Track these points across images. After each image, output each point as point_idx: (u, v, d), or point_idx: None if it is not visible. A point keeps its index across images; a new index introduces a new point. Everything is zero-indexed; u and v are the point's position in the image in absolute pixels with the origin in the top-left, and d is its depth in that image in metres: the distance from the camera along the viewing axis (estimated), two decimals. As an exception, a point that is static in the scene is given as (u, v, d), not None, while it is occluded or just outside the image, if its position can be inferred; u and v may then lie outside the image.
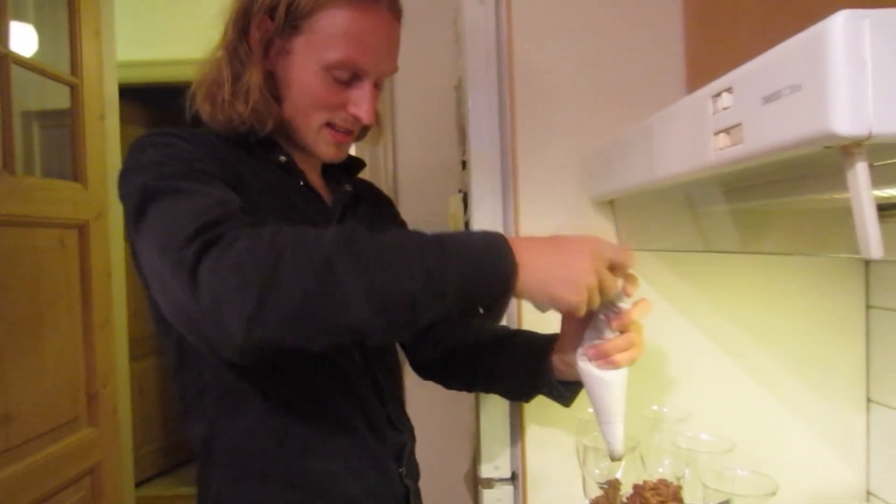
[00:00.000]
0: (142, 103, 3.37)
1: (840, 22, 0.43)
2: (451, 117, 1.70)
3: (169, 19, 2.95)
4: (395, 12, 0.85)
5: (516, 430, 1.11)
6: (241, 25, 0.83)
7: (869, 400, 1.08)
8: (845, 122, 0.43)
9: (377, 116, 0.89)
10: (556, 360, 0.87)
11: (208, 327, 0.61)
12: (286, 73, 0.83)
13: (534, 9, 1.08)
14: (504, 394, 1.03)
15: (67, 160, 1.99)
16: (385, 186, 1.99)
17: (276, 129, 0.86)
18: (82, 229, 1.94)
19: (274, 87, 0.84)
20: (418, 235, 0.66)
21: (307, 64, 0.81)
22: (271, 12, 0.80)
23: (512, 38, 1.09)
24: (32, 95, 2.11)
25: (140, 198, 0.70)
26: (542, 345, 0.90)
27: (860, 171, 0.46)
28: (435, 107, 1.87)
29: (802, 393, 1.09)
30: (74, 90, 1.97)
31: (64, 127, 2.00)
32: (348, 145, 0.92)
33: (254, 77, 0.81)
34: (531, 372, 0.91)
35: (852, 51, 0.43)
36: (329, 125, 0.86)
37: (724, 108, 0.58)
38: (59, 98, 2.01)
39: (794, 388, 1.09)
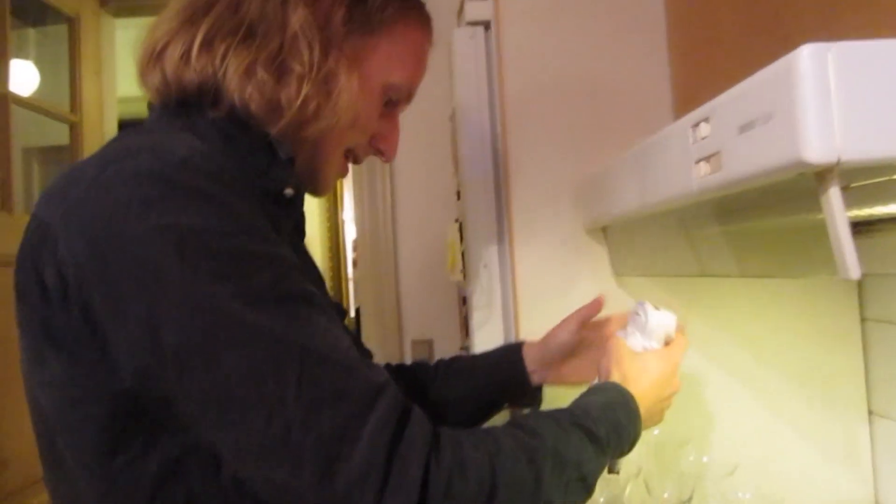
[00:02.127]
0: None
1: (805, 55, 0.45)
2: (448, 147, 1.73)
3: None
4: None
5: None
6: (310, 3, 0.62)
7: (870, 412, 1.08)
8: (815, 149, 0.44)
9: None
10: (532, 363, 0.88)
11: None
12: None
13: (523, 41, 1.11)
14: (459, 417, 0.89)
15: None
16: (383, 214, 2.01)
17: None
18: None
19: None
20: (593, 436, 0.64)
21: (373, 73, 0.66)
22: (351, 2, 0.64)
23: (503, 72, 1.11)
24: (33, 132, 2.15)
25: (205, 332, 0.47)
26: (508, 354, 0.90)
27: (833, 196, 0.47)
28: (432, 136, 1.89)
29: (804, 409, 1.09)
30: (74, 127, 2.00)
31: (63, 163, 2.03)
32: None
33: (353, 81, 0.63)
34: (502, 383, 0.89)
35: (818, 81, 0.45)
36: (350, 152, 0.72)
37: (703, 138, 0.59)
38: (58, 134, 2.04)
39: (796, 404, 1.09)
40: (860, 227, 0.97)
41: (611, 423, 0.66)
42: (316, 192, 0.72)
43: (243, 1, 0.60)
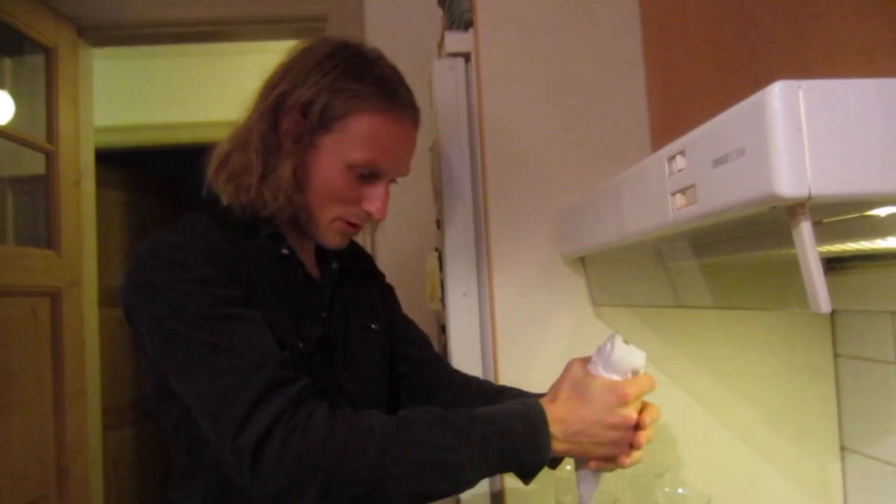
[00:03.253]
0: (119, 166, 3.38)
1: (777, 91, 0.46)
2: (428, 176, 1.74)
3: (147, 85, 3.00)
4: (417, 123, 0.91)
5: (497, 492, 1.10)
6: (273, 116, 0.86)
7: (843, 448, 1.09)
8: (786, 184, 0.46)
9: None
10: None
11: (268, 500, 0.73)
12: (310, 165, 0.86)
13: (502, 73, 1.13)
14: None
15: (42, 227, 1.98)
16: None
17: (288, 216, 0.89)
18: (55, 297, 1.91)
19: (296, 177, 0.87)
20: (462, 430, 0.74)
21: (332, 160, 0.85)
22: (305, 109, 0.84)
23: (482, 103, 1.13)
24: (7, 161, 2.12)
25: (167, 337, 0.77)
26: (535, 396, 0.90)
27: (805, 230, 0.48)
28: (414, 166, 1.91)
29: (777, 442, 1.10)
30: (50, 157, 1.98)
31: (39, 193, 2.00)
32: (354, 236, 0.96)
33: (286, 170, 0.84)
34: None
35: (789, 117, 0.46)
36: (341, 219, 0.89)
37: (679, 170, 0.61)
38: (34, 163, 2.01)
39: (769, 437, 1.10)
40: (834, 265, 0.99)
41: (497, 427, 0.75)
42: (324, 246, 0.93)
43: (244, 130, 0.88)
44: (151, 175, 3.50)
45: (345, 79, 0.84)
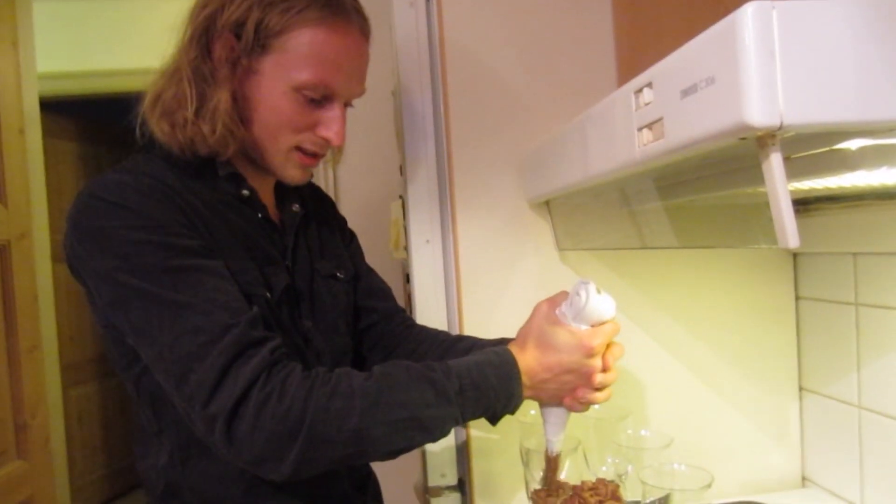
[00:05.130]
0: (70, 115, 3.24)
1: (749, 13, 0.44)
2: (392, 122, 1.69)
3: (96, 29, 2.84)
4: (366, 33, 0.83)
5: (461, 438, 1.10)
6: (203, 42, 0.78)
7: (801, 388, 1.11)
8: (757, 112, 0.43)
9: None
10: None
11: (244, 465, 0.69)
12: (253, 93, 0.79)
13: (465, 10, 1.08)
14: None
15: (-15, 178, 1.88)
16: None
17: (237, 151, 0.81)
18: (3, 251, 1.84)
19: (239, 107, 0.79)
20: (441, 386, 0.72)
21: (276, 84, 0.78)
22: (237, 30, 0.76)
23: (444, 42, 1.08)
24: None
25: (119, 292, 0.71)
26: (499, 342, 0.89)
27: (775, 162, 0.46)
28: (376, 112, 1.85)
29: (738, 384, 1.11)
30: (-10, 104, 1.87)
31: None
32: (315, 168, 0.89)
33: (222, 99, 0.77)
34: None
35: (762, 42, 0.43)
36: (298, 148, 0.82)
37: (646, 104, 0.58)
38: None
39: (730, 379, 1.11)
40: (797, 207, 0.98)
41: (472, 380, 0.74)
42: (285, 182, 0.87)
43: (175, 61, 0.80)
44: (106, 125, 3.36)
45: None
